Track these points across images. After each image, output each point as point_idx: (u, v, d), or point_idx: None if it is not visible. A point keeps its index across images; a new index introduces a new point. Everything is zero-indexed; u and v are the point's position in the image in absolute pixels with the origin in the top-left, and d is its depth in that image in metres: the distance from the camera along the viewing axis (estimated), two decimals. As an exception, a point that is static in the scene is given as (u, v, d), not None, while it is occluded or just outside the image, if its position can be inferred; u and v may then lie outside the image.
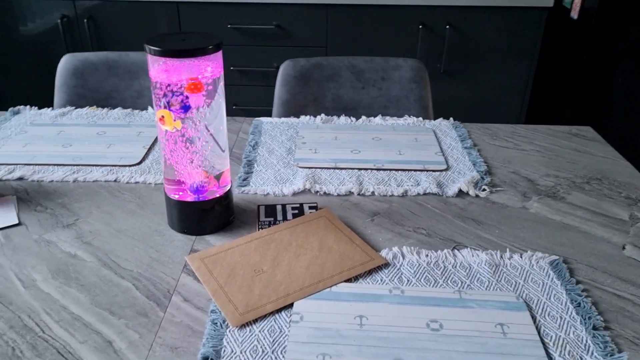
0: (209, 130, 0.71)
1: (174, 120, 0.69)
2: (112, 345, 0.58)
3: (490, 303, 0.63)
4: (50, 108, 1.23)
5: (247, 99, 2.27)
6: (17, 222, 0.80)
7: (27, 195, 0.87)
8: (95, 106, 1.28)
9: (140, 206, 0.85)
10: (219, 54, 0.69)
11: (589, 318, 0.61)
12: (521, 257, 0.72)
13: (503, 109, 2.25)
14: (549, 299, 0.64)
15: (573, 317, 0.61)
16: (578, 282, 0.68)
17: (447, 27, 2.07)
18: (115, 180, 0.92)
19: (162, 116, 0.70)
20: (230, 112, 2.29)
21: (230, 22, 2.11)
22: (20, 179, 0.93)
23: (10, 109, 1.20)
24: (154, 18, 2.13)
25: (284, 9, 2.09)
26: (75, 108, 1.22)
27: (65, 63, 1.35)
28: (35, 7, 2.14)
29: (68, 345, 0.57)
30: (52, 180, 0.92)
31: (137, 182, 0.92)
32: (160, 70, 0.67)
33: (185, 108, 0.69)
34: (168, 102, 0.68)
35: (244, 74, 2.22)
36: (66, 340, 0.58)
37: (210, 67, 0.69)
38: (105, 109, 1.21)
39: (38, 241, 0.76)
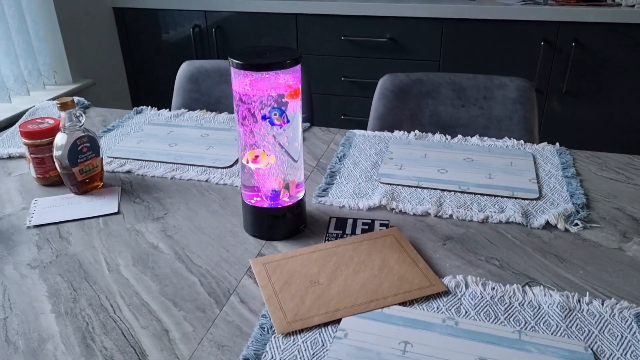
0: (280, 144, 0.73)
1: (268, 155, 0.73)
2: (168, 334, 0.62)
3: (552, 350, 0.57)
4: (168, 109, 1.34)
5: (356, 110, 2.30)
6: (116, 211, 0.89)
7: (130, 188, 0.97)
8: (205, 110, 1.38)
9: (223, 207, 0.90)
10: (297, 67, 0.72)
11: (670, 385, 0.53)
12: (602, 304, 0.65)
13: (633, 136, 2.02)
14: (625, 355, 0.57)
15: (650, 381, 0.54)
16: (666, 342, 0.59)
17: (573, 44, 1.91)
18: (206, 181, 0.99)
19: (257, 156, 0.74)
20: (338, 123, 2.33)
21: (344, 34, 2.16)
22: (129, 172, 1.03)
23: (134, 108, 1.34)
24: (274, 28, 2.25)
25: (398, 22, 2.08)
26: (188, 111, 1.32)
27: (183, 69, 1.47)
28: (177, 16, 2.37)
29: (131, 328, 0.63)
30: (153, 176, 1.01)
31: (225, 184, 0.98)
32: (243, 83, 0.71)
33: (263, 117, 0.72)
34: (252, 113, 0.72)
35: (355, 84, 2.25)
36: (131, 323, 0.64)
37: (289, 80, 0.71)
38: (213, 113, 1.30)
39: (130, 230, 0.84)
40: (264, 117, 0.72)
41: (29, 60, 2.05)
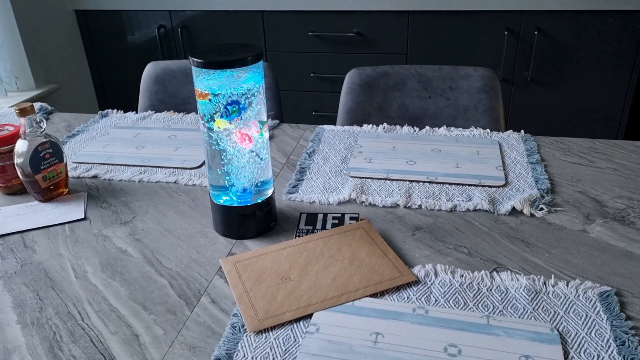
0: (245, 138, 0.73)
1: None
2: (138, 339, 0.61)
3: (520, 332, 0.59)
4: (135, 112, 1.32)
5: (327, 105, 2.30)
6: (83, 217, 0.87)
7: (97, 193, 0.95)
8: (172, 111, 1.36)
9: (192, 208, 0.89)
10: (259, 64, 0.71)
11: (632, 359, 0.55)
12: (567, 285, 0.66)
13: (598, 121, 2.07)
14: (590, 333, 0.58)
15: (613, 357, 0.55)
16: (628, 318, 0.61)
17: (536, 32, 1.95)
18: (175, 182, 0.98)
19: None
20: (310, 119, 2.33)
21: (311, 29, 2.15)
22: (95, 177, 1.01)
23: (99, 112, 1.31)
24: (241, 26, 2.23)
25: (365, 17, 2.09)
26: (155, 112, 1.31)
27: (148, 70, 1.45)
28: (142, 17, 2.33)
29: (100, 334, 0.62)
30: (120, 180, 1.00)
31: (194, 185, 0.97)
32: (205, 81, 0.70)
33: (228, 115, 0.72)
34: (214, 111, 0.71)
35: (325, 80, 2.25)
36: (99, 330, 0.63)
37: (246, 78, 0.71)
38: (181, 114, 1.29)
39: (97, 235, 0.82)
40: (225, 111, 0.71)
41: (-11, 67, 2.00)
